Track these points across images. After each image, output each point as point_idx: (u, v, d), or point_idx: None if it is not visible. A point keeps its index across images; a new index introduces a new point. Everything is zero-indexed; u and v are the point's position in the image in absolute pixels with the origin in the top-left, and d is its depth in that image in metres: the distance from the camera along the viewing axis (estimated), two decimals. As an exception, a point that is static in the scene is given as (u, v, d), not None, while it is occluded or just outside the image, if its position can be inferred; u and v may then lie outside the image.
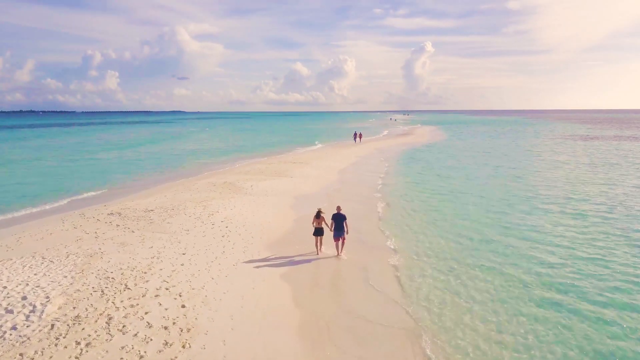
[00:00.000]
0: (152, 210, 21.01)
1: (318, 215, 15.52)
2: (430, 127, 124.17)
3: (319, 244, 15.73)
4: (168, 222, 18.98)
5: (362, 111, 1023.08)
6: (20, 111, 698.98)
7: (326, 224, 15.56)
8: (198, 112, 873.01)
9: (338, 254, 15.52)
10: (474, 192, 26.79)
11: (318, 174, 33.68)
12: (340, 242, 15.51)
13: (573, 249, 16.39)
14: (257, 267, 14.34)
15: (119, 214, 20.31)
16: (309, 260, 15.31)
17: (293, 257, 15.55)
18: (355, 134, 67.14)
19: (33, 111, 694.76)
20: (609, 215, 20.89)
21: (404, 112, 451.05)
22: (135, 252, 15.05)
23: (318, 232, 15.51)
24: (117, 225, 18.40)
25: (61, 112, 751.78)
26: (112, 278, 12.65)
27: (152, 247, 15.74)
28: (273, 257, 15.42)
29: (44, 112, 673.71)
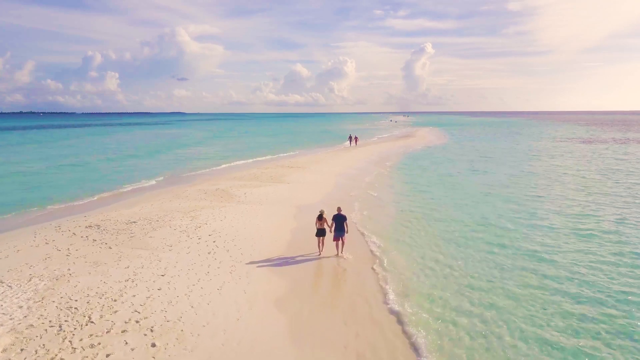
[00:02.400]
0: (134, 222, 19.37)
1: (320, 217, 15.75)
2: (430, 128, 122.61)
3: (321, 244, 15.97)
4: (150, 237, 17.34)
5: (362, 112, 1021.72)
6: (20, 112, 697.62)
7: (328, 225, 15.81)
8: (198, 113, 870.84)
9: (338, 254, 15.81)
10: (476, 204, 25.10)
11: (315, 179, 32.04)
12: (340, 242, 15.81)
13: (588, 272, 14.76)
14: (245, 291, 12.70)
15: (98, 226, 18.66)
16: (305, 279, 13.74)
17: (287, 277, 13.93)
18: (350, 138, 64.40)
19: (33, 112, 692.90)
20: (628, 234, 19.21)
21: (404, 114, 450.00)
22: (108, 274, 13.41)
23: (320, 232, 15.81)
24: (94, 240, 16.75)
25: (61, 113, 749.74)
26: (75, 308, 11.00)
27: (128, 266, 14.11)
28: (264, 277, 13.79)
29: (44, 113, 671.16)
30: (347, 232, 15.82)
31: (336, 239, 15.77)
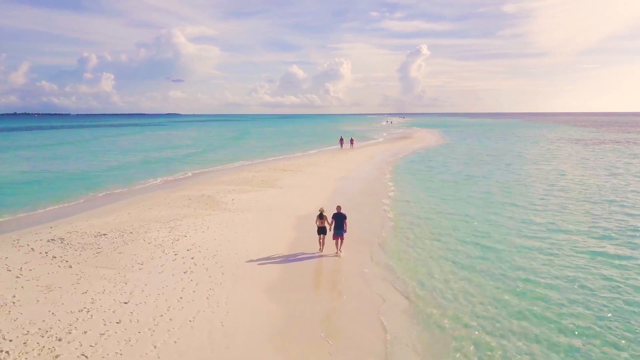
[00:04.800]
0: (104, 234, 17.21)
1: (321, 216, 15.72)
2: (427, 130, 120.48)
3: (321, 242, 15.96)
4: (120, 252, 15.20)
5: (359, 114, 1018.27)
6: (15, 114, 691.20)
7: (328, 223, 15.74)
8: (194, 115, 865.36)
9: (337, 253, 15.66)
10: (483, 215, 23.08)
11: (311, 183, 30.00)
12: (338, 241, 15.71)
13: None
14: (222, 323, 10.59)
15: (62, 239, 16.47)
16: (301, 303, 11.64)
17: (277, 301, 11.87)
18: (341, 140, 60.22)
19: (27, 114, 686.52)
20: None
21: (400, 115, 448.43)
22: (61, 302, 11.28)
23: (321, 230, 15.83)
24: (53, 258, 14.59)
25: (56, 114, 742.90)
26: (7, 352, 8.87)
27: (86, 291, 11.97)
28: (248, 303, 11.68)
29: (38, 114, 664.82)
30: (345, 231, 15.73)
31: (335, 237, 15.72)
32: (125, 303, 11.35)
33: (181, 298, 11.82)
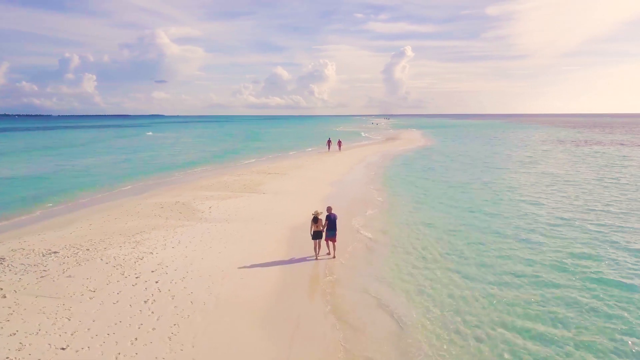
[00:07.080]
0: (55, 252, 14.67)
1: (315, 220, 15.05)
2: (412, 131, 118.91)
3: (317, 247, 15.21)
4: (69, 276, 12.72)
5: (344, 115, 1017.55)
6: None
7: (324, 228, 15.13)
8: (178, 116, 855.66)
9: (333, 255, 15.13)
10: (482, 223, 21.07)
11: (298, 189, 27.68)
12: (331, 243, 15.21)
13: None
14: (185, 376, 8.28)
15: (2, 260, 13.88)
16: (295, 335, 9.34)
17: (264, 340, 9.59)
18: (329, 142, 58.29)
19: (7, 115, 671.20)
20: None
21: (386, 116, 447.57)
22: (-22, 349, 8.83)
23: (316, 235, 15.13)
24: (-15, 285, 12.08)
25: (37, 115, 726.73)
26: None
27: (16, 332, 9.52)
28: (223, 345, 9.36)
29: (19, 115, 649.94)
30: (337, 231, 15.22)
31: (328, 239, 15.17)
32: (63, 349, 8.94)
33: (136, 339, 9.44)
